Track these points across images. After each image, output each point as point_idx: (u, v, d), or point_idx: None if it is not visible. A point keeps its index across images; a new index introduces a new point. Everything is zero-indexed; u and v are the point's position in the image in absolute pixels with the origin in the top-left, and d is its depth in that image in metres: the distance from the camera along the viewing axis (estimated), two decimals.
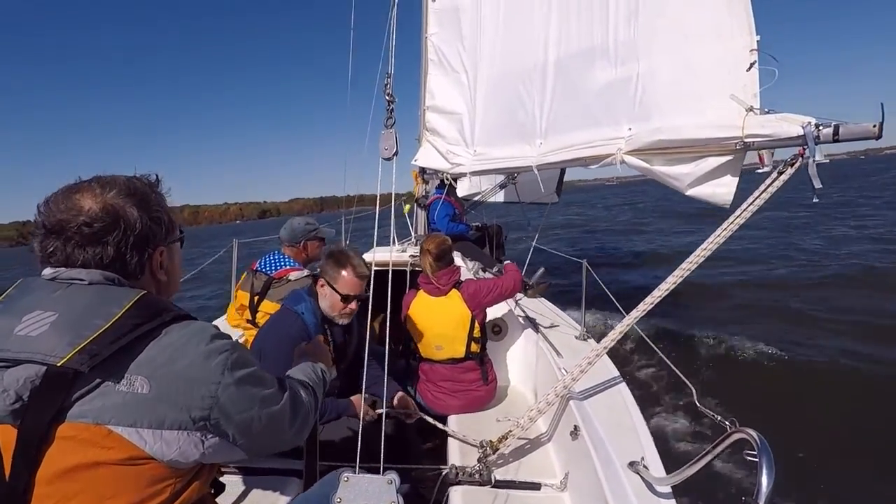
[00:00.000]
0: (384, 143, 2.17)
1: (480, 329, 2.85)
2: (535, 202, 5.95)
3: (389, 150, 2.17)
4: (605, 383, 2.46)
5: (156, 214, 1.04)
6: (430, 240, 2.93)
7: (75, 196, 0.96)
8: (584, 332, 3.20)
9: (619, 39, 2.63)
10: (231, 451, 0.99)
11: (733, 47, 2.16)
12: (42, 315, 0.87)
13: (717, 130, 2.10)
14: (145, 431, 0.85)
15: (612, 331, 2.21)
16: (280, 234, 3.10)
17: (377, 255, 4.68)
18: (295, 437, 1.14)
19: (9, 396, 0.80)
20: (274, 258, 2.99)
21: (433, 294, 2.86)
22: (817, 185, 1.87)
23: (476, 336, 2.83)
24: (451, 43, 3.86)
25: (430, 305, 2.86)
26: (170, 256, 1.10)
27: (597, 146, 2.66)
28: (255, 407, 0.99)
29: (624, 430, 2.05)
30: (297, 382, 1.23)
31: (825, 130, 1.84)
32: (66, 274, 0.94)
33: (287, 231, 3.07)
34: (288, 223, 3.11)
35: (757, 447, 1.20)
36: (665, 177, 2.32)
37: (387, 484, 1.33)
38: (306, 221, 3.16)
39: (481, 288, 2.89)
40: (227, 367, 0.94)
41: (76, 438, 0.82)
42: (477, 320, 2.82)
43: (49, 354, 0.82)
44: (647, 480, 1.69)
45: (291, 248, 3.06)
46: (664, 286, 2.09)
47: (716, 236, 2.03)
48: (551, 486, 2.12)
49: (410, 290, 3.00)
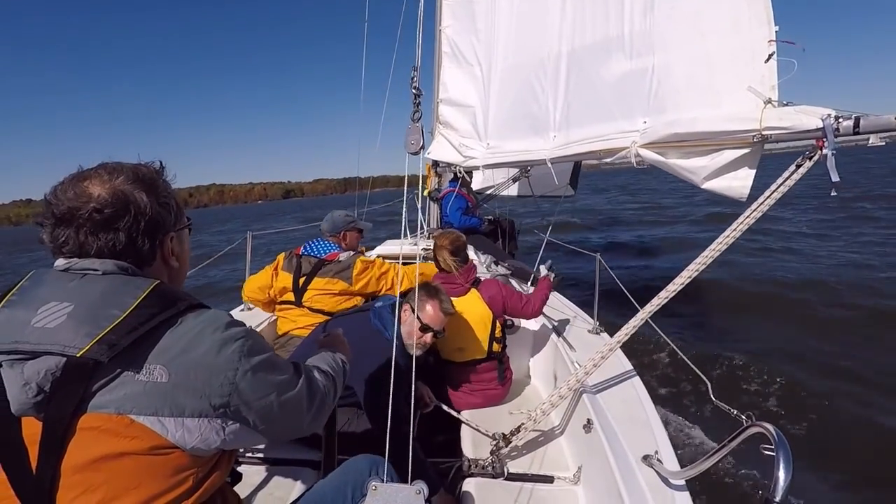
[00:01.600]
0: (410, 137, 2.15)
1: (501, 328, 2.84)
2: (549, 195, 5.92)
3: (416, 145, 2.15)
4: (618, 377, 2.46)
5: (164, 200, 1.04)
6: (444, 236, 2.91)
7: (83, 183, 0.96)
8: (597, 326, 3.19)
9: (635, 31, 2.60)
10: (252, 436, 1.00)
11: (751, 38, 2.13)
12: (58, 306, 0.87)
13: (733, 123, 2.07)
14: (167, 420, 0.86)
15: (625, 325, 2.20)
16: (322, 226, 3.29)
17: (389, 249, 4.70)
18: (312, 422, 1.15)
19: (31, 389, 0.81)
20: (320, 244, 3.13)
21: (452, 294, 2.79)
22: (835, 178, 1.83)
23: (497, 336, 2.81)
24: (465, 35, 3.85)
25: None
26: (180, 243, 1.11)
27: (611, 139, 2.64)
28: (273, 393, 1.00)
29: (638, 423, 2.04)
30: (315, 369, 1.24)
31: (845, 123, 1.80)
32: (80, 264, 0.94)
33: (329, 223, 3.25)
34: (329, 216, 3.29)
35: (774, 441, 1.19)
36: (680, 170, 2.30)
37: (415, 494, 1.33)
38: (346, 213, 3.34)
39: (505, 297, 2.85)
40: (244, 353, 0.95)
41: (99, 429, 0.83)
42: (498, 320, 2.81)
43: (68, 345, 0.83)
44: (662, 474, 1.68)
45: (332, 237, 3.22)
46: (679, 280, 2.07)
47: (732, 230, 2.00)
48: (564, 479, 2.12)
49: None
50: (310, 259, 3.03)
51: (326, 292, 2.93)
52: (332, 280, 2.94)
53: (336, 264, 3.00)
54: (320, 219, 3.40)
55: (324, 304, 2.91)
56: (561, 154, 3.01)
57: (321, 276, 2.95)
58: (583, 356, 2.65)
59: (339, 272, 2.96)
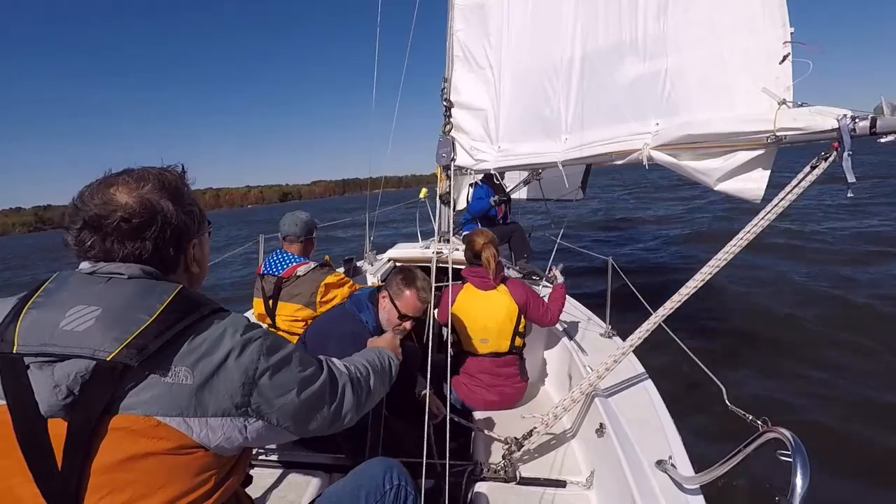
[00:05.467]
0: (441, 150, 2.14)
1: (525, 324, 2.86)
2: (560, 199, 5.91)
3: (447, 157, 2.14)
4: (631, 381, 2.44)
5: (189, 208, 1.06)
6: (482, 234, 2.94)
7: (110, 190, 0.97)
8: (609, 330, 3.17)
9: (648, 34, 2.59)
10: (276, 433, 1.02)
11: (765, 40, 2.11)
12: (86, 310, 0.89)
13: (747, 124, 2.05)
14: (192, 420, 0.88)
15: (638, 329, 2.19)
16: (286, 232, 2.95)
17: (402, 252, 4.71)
18: (334, 417, 1.13)
19: (60, 392, 0.83)
20: (278, 258, 2.90)
21: (482, 288, 2.86)
22: (851, 179, 1.81)
23: (521, 331, 2.85)
24: (477, 39, 3.85)
25: (478, 298, 2.86)
26: (201, 248, 1.13)
27: (623, 141, 2.62)
28: (294, 389, 1.02)
29: (651, 428, 2.03)
30: (347, 365, 1.25)
31: (861, 123, 1.78)
32: (106, 269, 0.96)
33: (298, 226, 2.94)
34: (291, 220, 2.95)
35: (791, 447, 1.18)
36: (693, 172, 2.29)
37: None
38: (305, 213, 3.06)
39: (529, 300, 2.86)
40: (263, 352, 0.97)
41: (127, 430, 0.85)
42: (524, 316, 2.84)
43: (98, 349, 0.84)
44: (676, 479, 1.67)
45: (300, 242, 2.96)
46: (692, 283, 2.06)
47: (746, 232, 1.98)
48: (577, 483, 2.11)
49: (455, 284, 2.94)
50: (270, 279, 2.85)
51: (295, 319, 2.80)
52: (298, 308, 2.78)
53: (297, 286, 2.80)
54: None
55: (297, 328, 2.79)
56: (572, 157, 3.00)
57: (285, 302, 2.80)
58: (595, 360, 2.63)
59: (302, 299, 2.77)
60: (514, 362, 2.85)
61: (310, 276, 2.83)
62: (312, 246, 3.08)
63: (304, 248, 3.00)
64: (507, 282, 2.92)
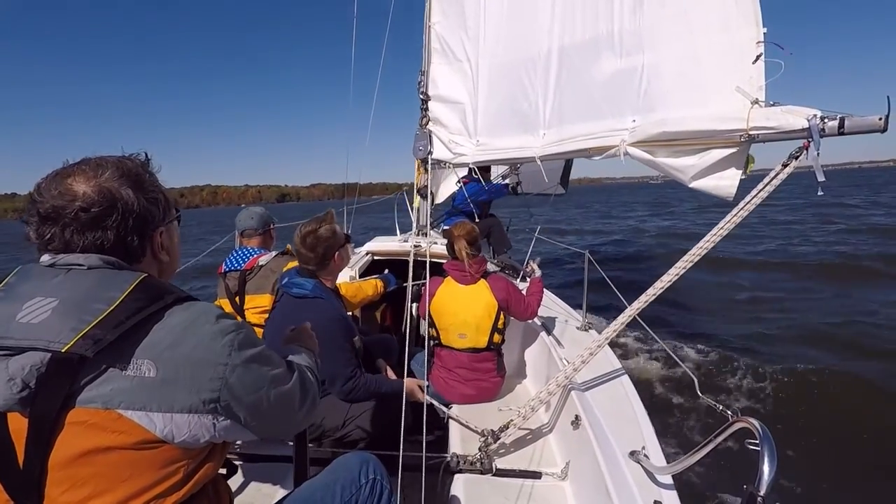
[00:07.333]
0: (418, 143, 2.13)
1: (504, 321, 2.85)
2: (540, 193, 5.93)
3: (424, 150, 2.12)
4: (606, 374, 2.47)
5: (151, 195, 1.02)
6: (461, 227, 2.90)
7: (67, 181, 0.94)
8: (585, 323, 3.21)
9: (625, 28, 2.61)
10: (242, 432, 0.99)
11: (739, 39, 2.15)
12: (43, 301, 0.86)
13: (721, 122, 2.09)
14: (155, 415, 0.85)
15: (613, 322, 2.21)
16: (243, 226, 3.00)
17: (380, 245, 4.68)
18: (304, 419, 1.14)
19: (15, 385, 0.80)
20: (238, 254, 2.89)
21: (462, 282, 2.83)
22: (821, 178, 1.87)
23: (500, 327, 2.82)
24: (455, 31, 3.83)
25: (457, 293, 2.84)
26: (169, 236, 1.09)
27: (600, 137, 2.65)
28: (265, 387, 0.99)
29: (625, 419, 2.06)
30: (302, 366, 1.22)
31: (830, 123, 1.83)
32: (65, 259, 0.92)
33: (255, 220, 2.99)
34: (247, 214, 3.02)
35: (759, 436, 1.21)
36: (669, 169, 2.32)
37: None
38: (260, 207, 3.12)
39: (510, 295, 2.84)
40: (235, 347, 0.93)
41: (87, 423, 0.83)
42: (504, 311, 2.82)
43: (52, 341, 0.82)
44: (648, 469, 1.70)
45: (259, 235, 3.00)
46: (666, 277, 2.09)
47: (718, 229, 2.02)
48: (552, 474, 2.13)
49: (436, 277, 2.92)
50: (233, 275, 2.82)
51: (265, 310, 2.71)
52: (267, 297, 2.72)
53: (261, 276, 2.77)
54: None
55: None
56: (550, 152, 3.01)
57: (252, 294, 2.77)
58: (571, 353, 2.66)
59: (269, 289, 2.72)
60: (491, 358, 2.84)
61: (272, 263, 2.80)
62: (272, 239, 3.08)
63: (264, 241, 3.00)
64: (489, 277, 2.89)
